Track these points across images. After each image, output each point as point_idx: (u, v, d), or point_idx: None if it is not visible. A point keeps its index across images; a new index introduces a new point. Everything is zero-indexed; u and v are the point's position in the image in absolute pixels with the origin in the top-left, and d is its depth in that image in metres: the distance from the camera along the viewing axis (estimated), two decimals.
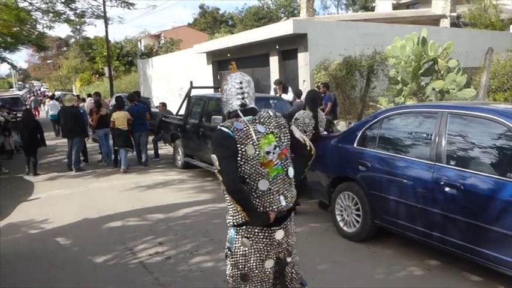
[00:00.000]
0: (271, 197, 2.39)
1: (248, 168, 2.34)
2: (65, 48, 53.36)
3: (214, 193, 7.33)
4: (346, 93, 11.19)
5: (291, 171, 2.49)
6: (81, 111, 11.00)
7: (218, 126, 2.41)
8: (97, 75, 41.61)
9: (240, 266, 2.44)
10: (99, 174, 9.41)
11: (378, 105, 10.55)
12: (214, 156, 2.34)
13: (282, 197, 2.42)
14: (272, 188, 2.39)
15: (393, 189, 4.37)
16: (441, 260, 4.28)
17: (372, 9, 34.25)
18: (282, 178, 2.43)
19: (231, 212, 2.43)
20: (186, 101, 9.78)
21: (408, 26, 13.47)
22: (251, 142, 2.34)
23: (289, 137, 2.53)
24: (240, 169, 2.33)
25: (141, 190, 7.85)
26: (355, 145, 5.00)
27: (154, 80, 23.86)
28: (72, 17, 15.34)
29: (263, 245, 2.42)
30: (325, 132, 6.02)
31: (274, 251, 2.47)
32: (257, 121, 2.44)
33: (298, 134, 2.61)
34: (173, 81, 20.26)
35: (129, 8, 15.39)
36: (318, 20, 16.09)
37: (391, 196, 4.39)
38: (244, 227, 2.40)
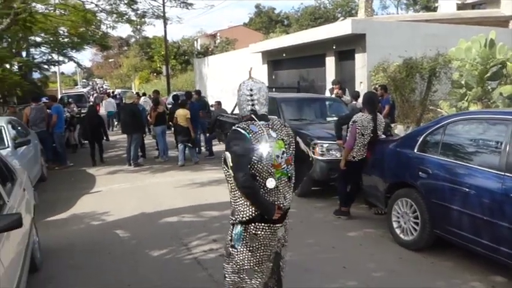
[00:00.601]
0: (278, 194, 2.58)
1: (260, 167, 2.51)
2: (125, 48, 55.62)
3: None
4: (405, 96, 10.83)
5: (293, 177, 2.69)
6: (141, 108, 11.39)
7: (234, 127, 2.59)
8: (155, 74, 43.05)
9: (246, 262, 2.58)
10: (156, 170, 9.71)
11: (439, 110, 10.15)
12: (227, 153, 2.51)
13: (282, 196, 2.61)
14: (279, 186, 2.58)
15: (456, 199, 4.17)
16: (508, 276, 4.02)
17: (434, 9, 32.95)
18: (284, 180, 2.62)
19: (240, 208, 2.56)
20: None
21: (474, 28, 12.82)
22: (265, 143, 2.52)
23: (294, 146, 2.73)
24: (252, 167, 2.50)
25: (195, 187, 8.02)
26: (415, 150, 4.82)
27: (209, 78, 24.33)
28: (134, 18, 15.96)
29: (269, 240, 2.60)
30: (383, 136, 5.86)
31: (274, 247, 2.67)
32: (270, 127, 2.62)
33: (303, 146, 2.84)
34: (228, 80, 20.54)
35: (187, 8, 15.83)
36: (377, 20, 15.71)
37: (454, 206, 4.18)
38: (252, 224, 2.56)
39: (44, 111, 10.41)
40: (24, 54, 20.47)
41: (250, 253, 2.57)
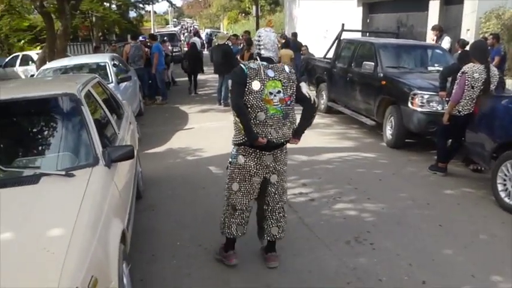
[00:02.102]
0: (265, 128, 3.05)
1: (251, 99, 3.01)
2: None
3: (358, 141, 7.18)
4: None
5: (288, 115, 3.12)
6: (233, 49, 11.43)
7: (240, 64, 3.14)
8: (243, 14, 42.70)
9: (234, 176, 3.25)
10: None
11: None
12: (229, 81, 3.17)
13: (273, 131, 3.07)
14: (268, 121, 3.04)
15: None
16: None
17: None
18: (277, 117, 3.07)
19: (236, 133, 3.15)
20: (335, 44, 9.50)
21: None
22: (258, 79, 3.01)
23: (294, 90, 3.14)
24: (245, 98, 3.01)
25: None
26: None
27: (299, 21, 23.60)
28: None
29: (253, 163, 3.18)
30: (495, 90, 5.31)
31: (262, 171, 3.21)
32: (269, 67, 3.08)
33: (305, 90, 3.24)
34: (320, 23, 19.78)
35: None
36: None
37: None
38: (242, 147, 3.16)
39: (142, 49, 10.87)
40: None
41: (237, 170, 3.21)
